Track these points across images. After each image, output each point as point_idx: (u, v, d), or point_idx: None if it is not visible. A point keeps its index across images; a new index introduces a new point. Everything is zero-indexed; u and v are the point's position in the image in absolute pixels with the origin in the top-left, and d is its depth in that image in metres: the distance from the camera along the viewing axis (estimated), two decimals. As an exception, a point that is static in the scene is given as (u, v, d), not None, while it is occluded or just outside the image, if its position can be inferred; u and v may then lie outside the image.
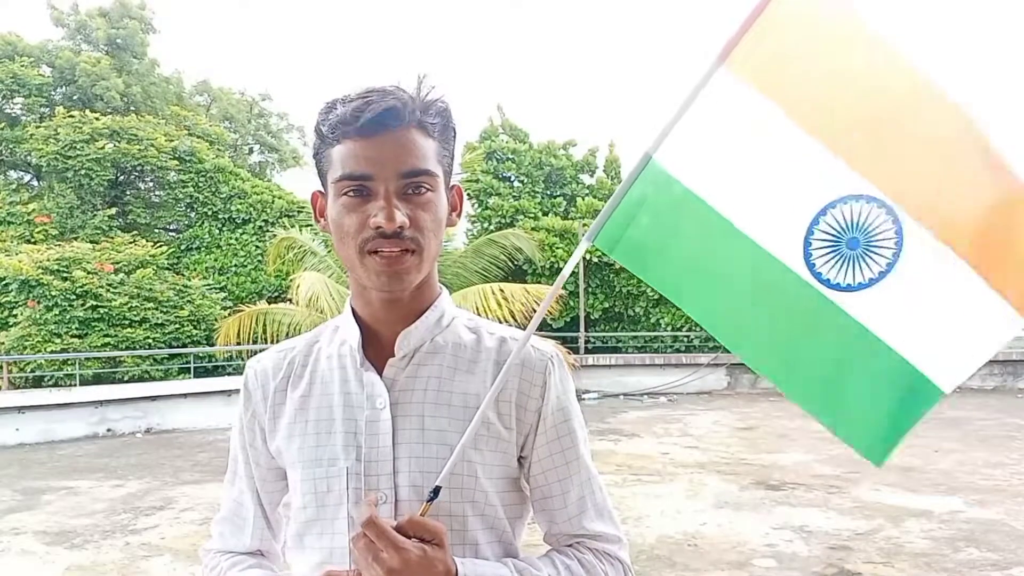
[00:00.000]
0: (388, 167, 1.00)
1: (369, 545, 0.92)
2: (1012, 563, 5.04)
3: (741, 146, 1.12)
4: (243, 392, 1.18)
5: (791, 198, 1.13)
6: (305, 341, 1.19)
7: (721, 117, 1.10)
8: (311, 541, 1.09)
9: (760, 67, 1.10)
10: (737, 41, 1.09)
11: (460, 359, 1.11)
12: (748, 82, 1.09)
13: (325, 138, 1.03)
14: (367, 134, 1.00)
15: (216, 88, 22.61)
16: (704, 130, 1.10)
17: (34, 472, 8.57)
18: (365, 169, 1.00)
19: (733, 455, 8.79)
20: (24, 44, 17.94)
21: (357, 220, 1.01)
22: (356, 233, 1.01)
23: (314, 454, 1.08)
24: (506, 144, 17.55)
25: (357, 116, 0.99)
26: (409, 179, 1.01)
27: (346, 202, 1.02)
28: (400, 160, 1.00)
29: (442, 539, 0.96)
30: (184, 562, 5.35)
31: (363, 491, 1.05)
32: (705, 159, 1.11)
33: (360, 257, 1.02)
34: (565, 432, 1.13)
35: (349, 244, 1.02)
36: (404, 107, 1.01)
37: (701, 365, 14.72)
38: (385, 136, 1.00)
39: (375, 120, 0.99)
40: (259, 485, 1.19)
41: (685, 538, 5.68)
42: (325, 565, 1.05)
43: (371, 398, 1.08)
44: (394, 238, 1.00)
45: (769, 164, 1.12)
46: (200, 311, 13.52)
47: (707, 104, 1.09)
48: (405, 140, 1.01)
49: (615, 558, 1.13)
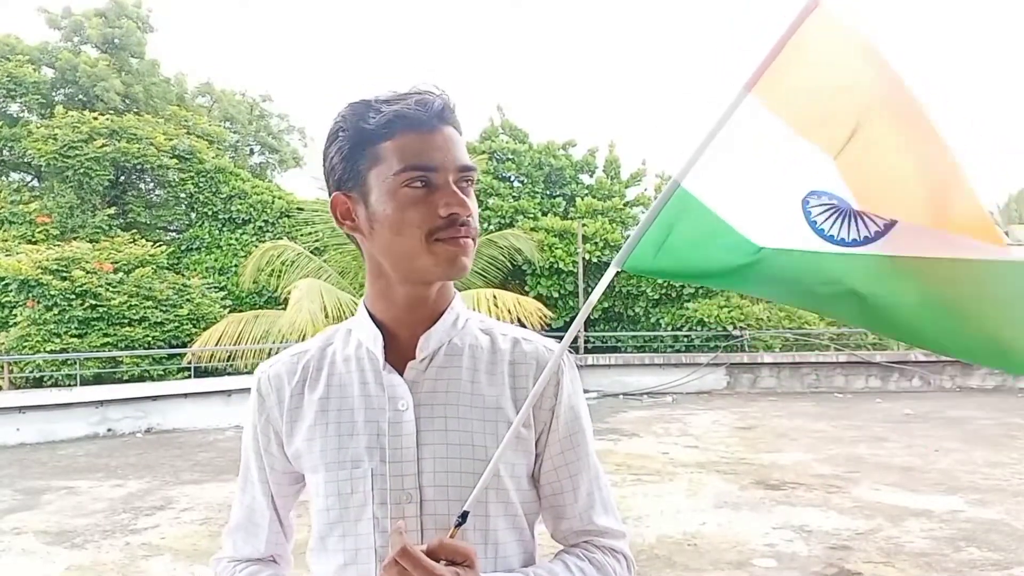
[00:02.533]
0: (449, 160, 1.04)
1: (403, 573, 0.93)
2: (1013, 563, 5.04)
3: (768, 173, 1.14)
4: (255, 397, 1.18)
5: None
6: (317, 344, 1.19)
7: (748, 144, 1.12)
8: (334, 543, 1.09)
9: (787, 96, 1.12)
10: (764, 70, 1.11)
11: (478, 360, 1.13)
12: (775, 111, 1.12)
13: (371, 134, 1.04)
14: (431, 128, 1.04)
15: (217, 89, 22.61)
16: (731, 156, 1.12)
17: (34, 472, 8.57)
18: (431, 160, 1.03)
19: (733, 455, 8.79)
20: (23, 45, 17.94)
21: (424, 210, 1.03)
22: (423, 223, 1.03)
23: (337, 456, 1.09)
24: (506, 144, 17.56)
25: (419, 110, 1.03)
26: (463, 172, 1.06)
27: (409, 193, 1.03)
28: (458, 154, 1.06)
29: (473, 561, 0.97)
30: (184, 562, 5.35)
31: (388, 492, 1.06)
32: (733, 185, 1.14)
33: (427, 246, 1.03)
34: (576, 430, 1.16)
35: (413, 235, 1.03)
36: (450, 104, 1.07)
37: (700, 365, 14.73)
38: (443, 131, 1.05)
39: (439, 114, 1.04)
40: (274, 489, 1.20)
41: (685, 538, 5.68)
42: (348, 567, 1.07)
43: (393, 400, 1.09)
44: (464, 225, 1.04)
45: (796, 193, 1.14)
46: (199, 310, 13.53)
47: (734, 131, 1.11)
48: (455, 136, 1.07)
49: (620, 553, 1.17)
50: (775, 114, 1.12)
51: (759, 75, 1.11)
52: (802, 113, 1.13)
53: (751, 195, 1.15)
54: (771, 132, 1.12)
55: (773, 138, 1.13)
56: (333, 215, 1.12)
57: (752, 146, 1.13)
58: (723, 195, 1.14)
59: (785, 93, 1.12)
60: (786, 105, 1.12)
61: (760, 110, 1.11)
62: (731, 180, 1.14)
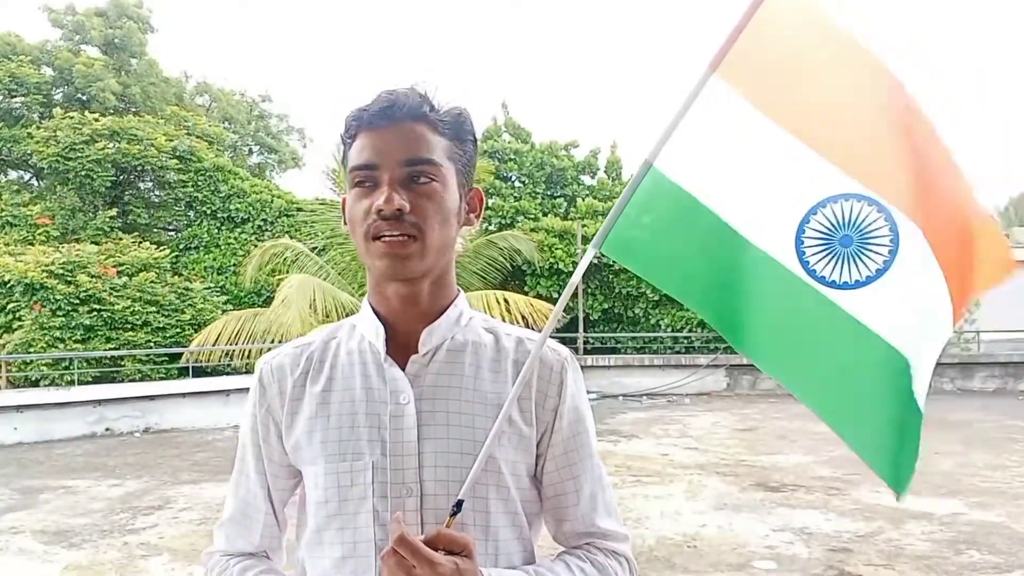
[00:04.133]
0: (391, 156, 1.05)
1: (401, 562, 0.93)
2: (1013, 566, 5.03)
3: (735, 151, 1.16)
4: (256, 388, 1.18)
5: (783, 199, 1.16)
6: (321, 337, 1.20)
7: (715, 123, 1.15)
8: (331, 536, 1.09)
9: (750, 75, 1.14)
10: (727, 49, 1.13)
11: (482, 358, 1.14)
12: (738, 89, 1.14)
13: (345, 140, 1.10)
14: (374, 126, 1.06)
15: (216, 89, 22.62)
16: (700, 136, 1.14)
17: (32, 471, 8.55)
18: (370, 159, 1.05)
19: (733, 456, 8.78)
20: (24, 44, 17.94)
21: (363, 208, 1.05)
22: (362, 220, 1.05)
23: (338, 448, 1.09)
24: (508, 144, 17.56)
25: (365, 111, 1.07)
26: (411, 167, 1.05)
27: (356, 192, 1.07)
28: (403, 149, 1.05)
29: (471, 551, 0.97)
30: (182, 562, 5.33)
31: (388, 485, 1.06)
32: (703, 164, 1.16)
33: (366, 243, 1.06)
34: (580, 431, 1.16)
35: (358, 232, 1.07)
36: (409, 101, 1.06)
37: (700, 366, 14.71)
38: (390, 128, 1.05)
39: (379, 112, 1.05)
40: (271, 482, 1.19)
41: (685, 539, 5.66)
42: (347, 559, 1.07)
43: (394, 393, 1.09)
44: (395, 221, 1.03)
45: (763, 168, 1.16)
46: (201, 315, 13.49)
47: (701, 111, 1.13)
48: (409, 132, 1.06)
49: (622, 556, 1.17)
50: (737, 88, 1.14)
51: (723, 54, 1.14)
52: (765, 90, 1.15)
53: (730, 178, 1.16)
54: (736, 111, 1.14)
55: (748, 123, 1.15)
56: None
57: (723, 128, 1.15)
58: (701, 177, 1.16)
59: (750, 71, 1.14)
60: (750, 83, 1.14)
61: (724, 87, 1.14)
62: (709, 163, 1.16)
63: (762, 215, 1.16)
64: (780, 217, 1.16)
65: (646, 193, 1.14)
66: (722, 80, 1.13)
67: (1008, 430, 10.29)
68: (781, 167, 1.15)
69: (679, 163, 1.14)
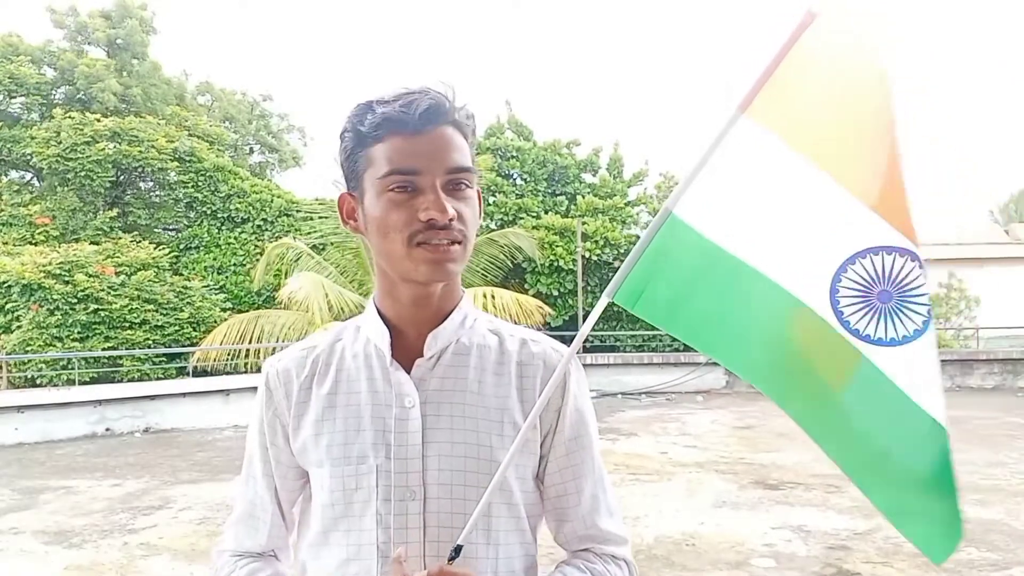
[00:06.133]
0: (436, 162, 1.03)
1: None
2: (1012, 563, 5.03)
3: (767, 194, 1.11)
4: (263, 391, 1.18)
5: (819, 245, 1.11)
6: (327, 340, 1.20)
7: (744, 166, 1.10)
8: (337, 538, 1.10)
9: (784, 115, 1.09)
10: (758, 90, 1.08)
11: (486, 360, 1.13)
12: (773, 131, 1.09)
13: (365, 137, 1.05)
14: (415, 130, 1.02)
15: (217, 89, 22.60)
16: (727, 180, 1.09)
17: (33, 471, 8.57)
18: (413, 164, 1.02)
19: (732, 454, 8.79)
20: (25, 45, 17.94)
21: (405, 214, 1.03)
22: (404, 227, 1.03)
23: (343, 451, 1.09)
24: (511, 142, 17.55)
25: (404, 113, 1.02)
26: (454, 175, 1.04)
27: (393, 197, 1.03)
28: (446, 156, 1.04)
29: None
30: (182, 561, 5.35)
31: (392, 488, 1.07)
32: (728, 210, 1.11)
33: (408, 250, 1.03)
34: (582, 432, 1.16)
35: (395, 238, 1.04)
36: (445, 105, 1.05)
37: (699, 364, 14.71)
38: (432, 132, 1.03)
39: (423, 116, 1.02)
40: (278, 483, 1.19)
41: (683, 538, 5.67)
42: (351, 562, 1.08)
43: (400, 397, 1.09)
44: (444, 230, 1.02)
45: (798, 213, 1.11)
46: (200, 313, 13.50)
47: (729, 154, 1.08)
48: (448, 137, 1.05)
49: (622, 559, 1.18)
50: (771, 131, 1.08)
51: (753, 95, 1.08)
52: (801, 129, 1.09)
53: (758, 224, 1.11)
54: (769, 153, 1.09)
55: (783, 165, 1.09)
56: (340, 214, 1.13)
57: (753, 170, 1.09)
58: (727, 224, 1.10)
59: (784, 110, 1.09)
60: (785, 123, 1.09)
61: (755, 129, 1.08)
62: (736, 208, 1.10)
63: (795, 261, 1.10)
64: (815, 265, 1.10)
65: (665, 241, 1.10)
66: (753, 121, 1.08)
67: (1007, 427, 10.29)
68: (818, 212, 1.10)
69: (702, 210, 1.09)
